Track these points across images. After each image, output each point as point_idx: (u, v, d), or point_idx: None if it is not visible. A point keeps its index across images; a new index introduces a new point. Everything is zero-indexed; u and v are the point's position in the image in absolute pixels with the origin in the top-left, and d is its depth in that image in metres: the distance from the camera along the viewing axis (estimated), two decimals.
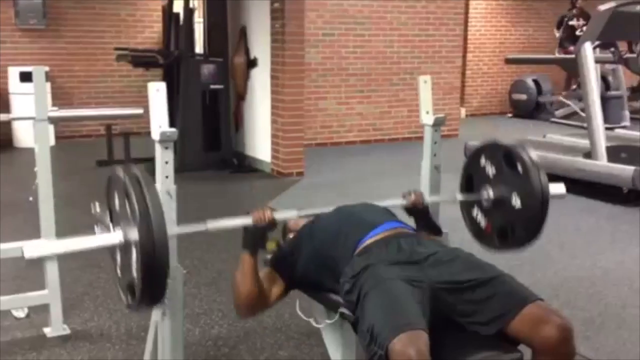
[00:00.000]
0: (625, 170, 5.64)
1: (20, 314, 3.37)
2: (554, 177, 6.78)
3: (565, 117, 10.59)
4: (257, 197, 6.19)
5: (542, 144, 6.94)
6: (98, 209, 2.10)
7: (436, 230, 2.55)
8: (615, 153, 5.92)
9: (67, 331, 3.22)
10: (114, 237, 1.91)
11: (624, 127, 8.87)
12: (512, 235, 2.45)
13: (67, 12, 8.73)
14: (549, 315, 1.90)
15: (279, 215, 2.25)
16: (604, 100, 7.30)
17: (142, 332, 3.09)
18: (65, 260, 3.46)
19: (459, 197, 2.58)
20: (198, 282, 3.86)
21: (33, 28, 8.52)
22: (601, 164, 5.88)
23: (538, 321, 1.89)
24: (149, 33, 9.21)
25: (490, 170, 2.47)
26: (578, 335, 3.18)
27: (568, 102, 10.46)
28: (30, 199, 3.11)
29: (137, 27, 9.18)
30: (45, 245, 2.17)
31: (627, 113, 9.67)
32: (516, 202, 2.37)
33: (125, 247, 1.88)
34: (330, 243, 2.26)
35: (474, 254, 2.19)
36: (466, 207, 2.60)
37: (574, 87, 11.19)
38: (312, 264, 2.29)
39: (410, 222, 2.47)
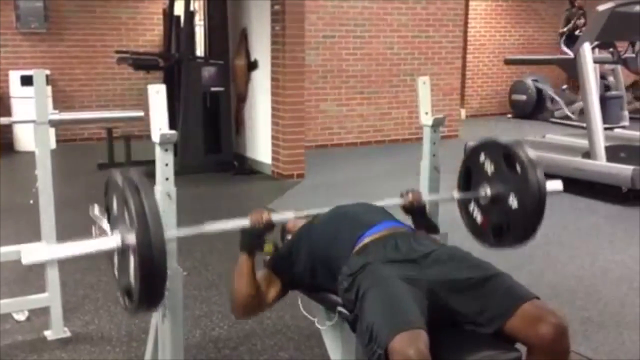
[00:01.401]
0: (624, 169, 5.65)
1: (21, 317, 3.38)
2: (553, 177, 6.78)
3: (564, 117, 10.59)
4: (257, 199, 6.20)
5: (541, 144, 6.95)
6: (97, 212, 2.11)
7: (434, 229, 2.57)
8: (614, 153, 5.94)
9: (68, 334, 3.23)
10: (111, 240, 1.91)
11: (623, 127, 8.88)
12: (508, 233, 2.46)
13: (68, 16, 8.75)
14: (545, 314, 1.91)
15: (277, 217, 2.27)
16: (603, 100, 7.31)
17: (142, 335, 3.10)
18: (65, 263, 3.47)
19: (456, 195, 2.60)
20: (198, 285, 3.88)
21: (34, 32, 8.54)
22: (600, 163, 5.89)
23: (534, 320, 1.90)
24: (149, 36, 9.23)
25: (489, 168, 2.49)
26: (577, 335, 3.21)
27: (560, 100, 10.47)
28: (31, 202, 3.12)
29: (137, 30, 9.19)
30: (43, 251, 2.17)
31: (626, 113, 9.68)
32: (513, 201, 2.38)
33: (123, 250, 1.88)
34: (328, 242, 2.28)
35: (471, 253, 2.20)
36: (464, 203, 2.62)
37: (564, 87, 11.17)
38: (311, 263, 2.30)
39: (408, 221, 2.48)
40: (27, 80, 7.35)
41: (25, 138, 7.83)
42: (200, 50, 7.77)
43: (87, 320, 3.42)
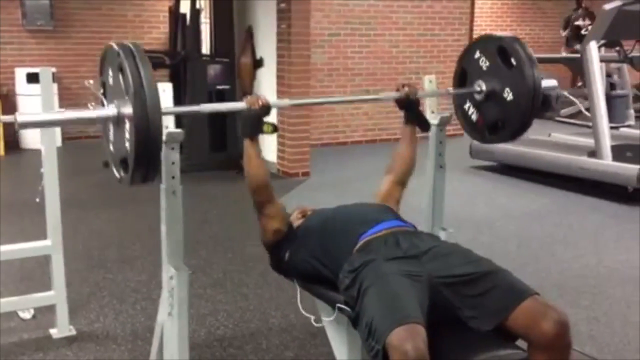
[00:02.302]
0: (630, 169, 5.63)
1: (27, 315, 3.38)
2: (559, 177, 6.74)
3: (570, 116, 10.55)
4: None
5: (547, 143, 6.94)
6: (92, 83, 2.10)
7: (424, 124, 2.63)
8: (620, 152, 5.92)
9: (73, 332, 3.24)
10: (108, 110, 1.91)
11: (628, 126, 8.84)
12: (503, 128, 2.48)
13: (74, 13, 8.76)
14: (546, 310, 1.91)
15: (273, 101, 2.29)
16: (609, 99, 7.29)
17: (147, 333, 3.10)
18: (71, 261, 3.48)
19: (452, 90, 2.62)
20: (204, 283, 3.88)
21: (40, 29, 8.55)
22: (606, 163, 5.88)
23: (535, 316, 1.91)
24: (155, 34, 9.22)
25: (484, 63, 2.49)
26: (583, 335, 3.20)
27: (574, 99, 10.41)
28: (37, 200, 3.13)
29: (143, 27, 9.20)
30: (39, 114, 2.17)
31: (632, 112, 9.64)
32: (508, 95, 2.39)
33: (118, 120, 1.87)
34: (330, 241, 2.30)
35: (472, 250, 2.21)
36: (459, 101, 2.62)
37: (580, 84, 11.12)
38: (310, 259, 2.32)
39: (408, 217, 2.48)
40: (33, 78, 7.39)
41: (31, 136, 7.84)
42: (206, 48, 7.76)
43: (93, 318, 3.43)
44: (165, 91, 2.24)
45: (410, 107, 2.57)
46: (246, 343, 3.18)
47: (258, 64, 7.24)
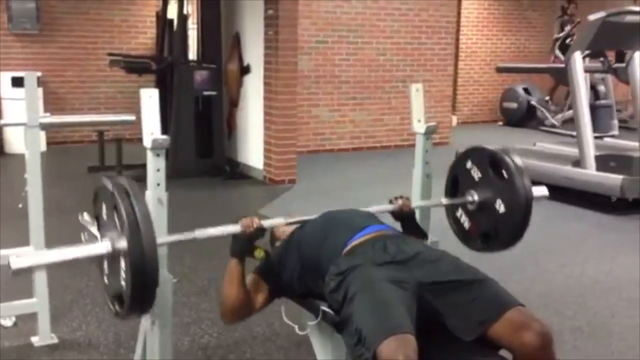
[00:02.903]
0: (613, 179, 5.68)
1: (8, 322, 3.35)
2: (542, 185, 6.77)
3: (553, 125, 10.62)
4: (249, 204, 6.19)
5: (532, 152, 6.97)
6: (86, 218, 2.10)
7: (422, 235, 2.58)
8: (604, 162, 5.96)
9: (55, 340, 3.20)
10: (102, 246, 1.91)
11: (612, 136, 8.93)
12: (496, 238, 2.50)
13: (60, 18, 8.73)
14: (529, 321, 1.92)
15: (267, 223, 2.26)
16: (593, 109, 7.35)
17: (131, 341, 3.08)
18: (53, 268, 3.44)
19: (444, 201, 2.64)
20: (188, 291, 3.85)
21: (26, 33, 8.50)
22: (590, 172, 5.92)
23: (518, 327, 1.91)
24: (142, 39, 9.20)
25: (476, 174, 2.52)
26: (567, 345, 3.21)
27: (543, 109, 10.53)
28: (20, 205, 3.10)
29: (130, 32, 9.18)
30: (32, 257, 2.16)
31: (616, 122, 9.74)
32: (500, 206, 2.41)
33: (113, 256, 1.87)
34: (318, 247, 2.28)
35: (459, 258, 2.21)
36: (451, 209, 2.65)
37: (547, 98, 11.21)
38: (300, 269, 2.30)
39: (397, 227, 2.48)
40: (18, 82, 7.32)
41: (15, 140, 7.78)
42: (193, 54, 7.76)
43: (75, 326, 3.40)
44: (152, 97, 2.23)
45: (406, 220, 2.55)
46: (230, 352, 3.17)
47: (245, 70, 7.24)
